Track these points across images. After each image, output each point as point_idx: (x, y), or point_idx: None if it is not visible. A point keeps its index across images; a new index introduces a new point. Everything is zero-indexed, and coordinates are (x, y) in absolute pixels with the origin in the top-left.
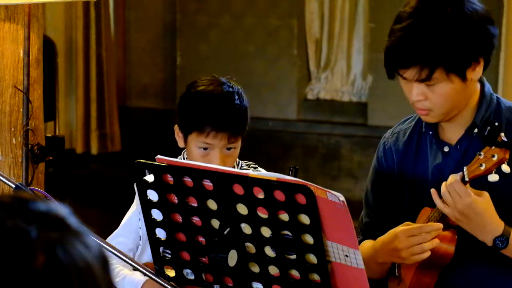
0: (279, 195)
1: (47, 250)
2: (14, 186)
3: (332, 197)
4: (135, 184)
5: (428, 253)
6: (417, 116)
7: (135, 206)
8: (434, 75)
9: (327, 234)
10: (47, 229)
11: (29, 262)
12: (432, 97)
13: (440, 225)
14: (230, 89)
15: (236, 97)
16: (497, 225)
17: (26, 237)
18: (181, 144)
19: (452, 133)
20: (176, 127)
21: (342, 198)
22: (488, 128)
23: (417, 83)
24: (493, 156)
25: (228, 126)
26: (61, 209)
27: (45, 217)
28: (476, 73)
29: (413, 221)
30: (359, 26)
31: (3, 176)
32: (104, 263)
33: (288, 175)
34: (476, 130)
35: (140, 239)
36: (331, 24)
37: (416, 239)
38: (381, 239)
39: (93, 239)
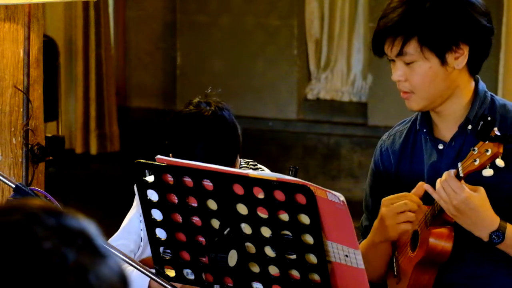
0: (279, 195)
1: (78, 274)
2: (14, 186)
3: (332, 197)
4: (135, 185)
5: (409, 226)
6: (413, 117)
7: (136, 208)
8: (408, 48)
9: (327, 234)
10: (82, 253)
11: (60, 284)
12: (412, 78)
13: (419, 201)
14: (215, 123)
15: (224, 126)
16: (493, 220)
17: (63, 261)
18: None
19: (446, 131)
20: (171, 156)
21: (342, 198)
22: (481, 122)
23: (399, 63)
24: (487, 150)
25: (226, 161)
26: (90, 227)
27: (79, 236)
28: (458, 62)
29: None
30: (359, 26)
31: (3, 176)
32: (125, 283)
33: (288, 175)
34: (470, 127)
35: (141, 241)
36: (331, 24)
37: (398, 205)
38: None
39: (115, 259)
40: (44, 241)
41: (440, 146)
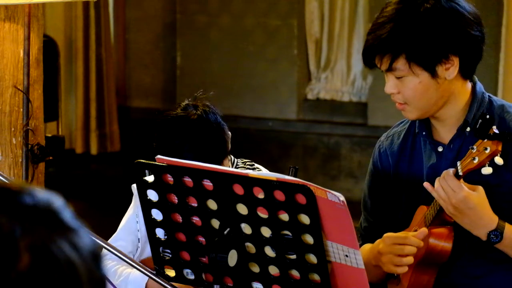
0: (279, 195)
1: (32, 250)
2: None
3: (332, 197)
4: (132, 186)
5: (405, 269)
6: None
7: (132, 209)
8: (397, 64)
9: (327, 234)
10: (33, 227)
11: (13, 262)
12: (403, 91)
13: (421, 243)
14: (200, 126)
15: (210, 129)
16: (491, 219)
17: (9, 236)
18: None
19: (445, 133)
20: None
21: (342, 198)
22: (480, 121)
23: (390, 76)
24: (486, 149)
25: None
26: (54, 202)
27: (33, 212)
28: (449, 73)
29: (410, 221)
30: (359, 26)
31: (3, 176)
32: (94, 264)
33: (288, 175)
34: (468, 129)
35: (138, 241)
36: (331, 24)
37: (398, 248)
38: (376, 241)
39: (86, 237)
40: None
41: (440, 149)
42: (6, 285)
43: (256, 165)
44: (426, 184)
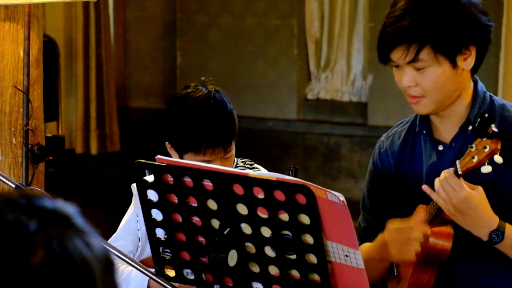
0: (279, 195)
1: (47, 246)
2: (14, 186)
3: (332, 197)
4: (132, 186)
5: (413, 256)
6: (411, 118)
7: (132, 209)
8: (421, 55)
9: (327, 234)
10: (48, 225)
11: (27, 257)
12: (423, 83)
13: (426, 228)
14: (212, 101)
15: (221, 105)
16: (492, 219)
17: (24, 230)
18: (175, 157)
19: (446, 132)
20: (167, 143)
21: (342, 198)
22: (479, 119)
23: (408, 69)
24: (485, 147)
25: (222, 140)
26: (68, 208)
27: (48, 213)
28: (467, 63)
29: None
30: (359, 26)
31: (3, 176)
32: (107, 266)
33: (288, 175)
34: (470, 128)
35: (139, 241)
36: (331, 24)
37: (407, 237)
38: (378, 236)
39: (98, 241)
40: (8, 214)
41: (440, 147)
42: (21, 278)
43: (255, 165)
44: (424, 187)
